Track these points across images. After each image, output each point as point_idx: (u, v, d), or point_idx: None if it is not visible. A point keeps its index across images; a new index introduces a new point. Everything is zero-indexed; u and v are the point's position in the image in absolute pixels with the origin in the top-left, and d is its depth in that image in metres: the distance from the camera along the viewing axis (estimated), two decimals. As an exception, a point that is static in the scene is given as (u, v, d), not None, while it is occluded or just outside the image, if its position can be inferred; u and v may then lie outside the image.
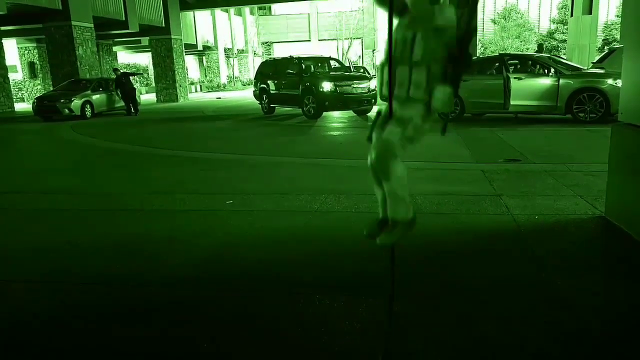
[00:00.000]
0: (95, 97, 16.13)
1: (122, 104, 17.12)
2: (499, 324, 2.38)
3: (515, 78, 9.94)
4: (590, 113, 9.55)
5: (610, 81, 9.40)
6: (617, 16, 41.86)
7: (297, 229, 3.96)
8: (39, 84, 28.01)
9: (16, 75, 28.63)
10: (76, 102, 15.39)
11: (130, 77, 17.79)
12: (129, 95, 17.12)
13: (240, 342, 2.32)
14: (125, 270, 3.22)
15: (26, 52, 28.56)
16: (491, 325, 2.37)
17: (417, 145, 2.26)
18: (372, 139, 2.29)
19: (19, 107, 21.63)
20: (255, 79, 15.95)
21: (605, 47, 32.35)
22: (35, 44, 27.55)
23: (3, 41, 20.90)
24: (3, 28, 20.11)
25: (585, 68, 11.85)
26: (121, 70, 18.04)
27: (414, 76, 2.12)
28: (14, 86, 25.43)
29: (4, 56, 20.76)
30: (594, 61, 15.14)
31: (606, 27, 42.55)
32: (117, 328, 2.49)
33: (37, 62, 28.31)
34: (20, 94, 28.29)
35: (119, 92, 17.12)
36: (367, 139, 2.31)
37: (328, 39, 44.19)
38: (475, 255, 3.31)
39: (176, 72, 25.82)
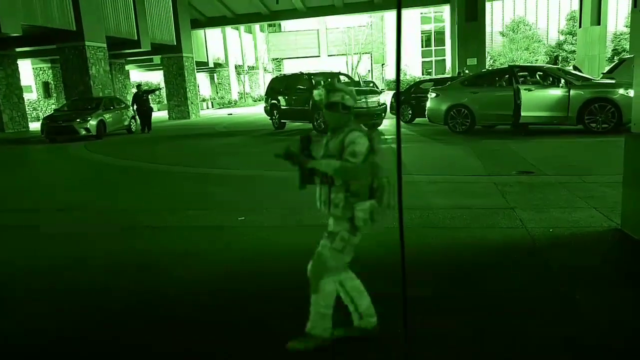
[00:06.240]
0: (107, 116, 16.22)
1: (126, 123, 17.16)
2: (517, 339, 2.35)
3: (525, 89, 9.91)
4: (603, 123, 9.48)
5: (621, 91, 9.34)
6: (626, 26, 41.68)
7: (309, 244, 3.95)
8: (53, 104, 28.47)
9: (31, 95, 29.19)
10: (92, 123, 15.37)
11: (150, 95, 18.04)
12: (146, 113, 17.44)
13: (256, 352, 2.31)
14: (142, 286, 3.24)
15: (41, 72, 29.13)
16: (508, 340, 2.34)
17: (429, 157, 2.28)
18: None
19: (34, 126, 21.98)
20: (266, 95, 16.08)
21: (615, 57, 32.21)
22: (49, 64, 28.08)
23: (18, 62, 21.37)
24: (18, 49, 20.55)
25: (596, 78, 11.78)
26: (143, 89, 18.31)
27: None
28: (28, 106, 25.90)
29: (19, 77, 21.20)
30: (604, 71, 15.07)
31: (615, 37, 42.35)
32: (137, 340, 2.50)
33: (52, 82, 28.83)
34: (35, 114, 28.79)
35: (134, 108, 17.37)
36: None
37: (337, 54, 44.59)
38: (490, 269, 3.28)
39: (188, 89, 26.12)
